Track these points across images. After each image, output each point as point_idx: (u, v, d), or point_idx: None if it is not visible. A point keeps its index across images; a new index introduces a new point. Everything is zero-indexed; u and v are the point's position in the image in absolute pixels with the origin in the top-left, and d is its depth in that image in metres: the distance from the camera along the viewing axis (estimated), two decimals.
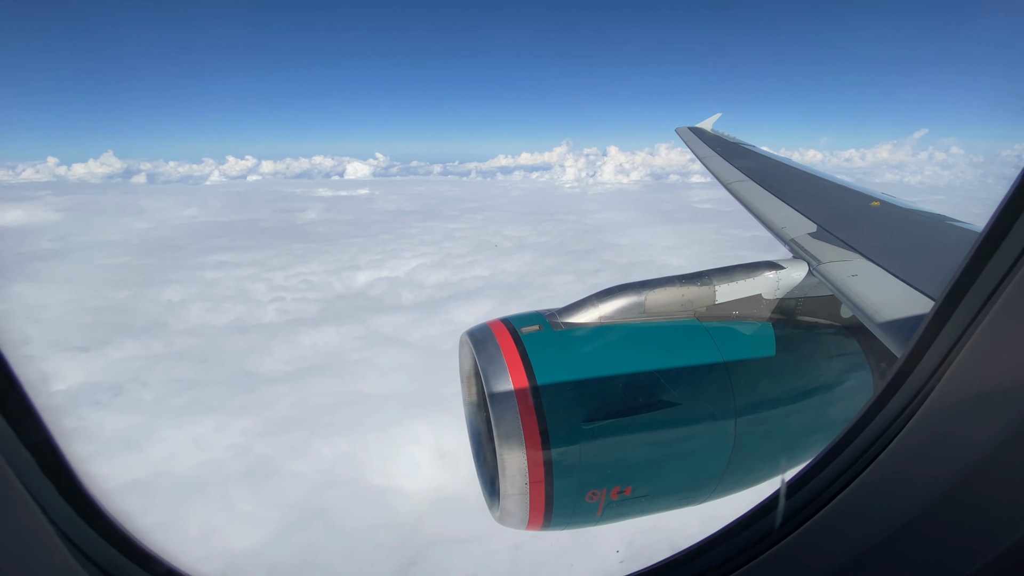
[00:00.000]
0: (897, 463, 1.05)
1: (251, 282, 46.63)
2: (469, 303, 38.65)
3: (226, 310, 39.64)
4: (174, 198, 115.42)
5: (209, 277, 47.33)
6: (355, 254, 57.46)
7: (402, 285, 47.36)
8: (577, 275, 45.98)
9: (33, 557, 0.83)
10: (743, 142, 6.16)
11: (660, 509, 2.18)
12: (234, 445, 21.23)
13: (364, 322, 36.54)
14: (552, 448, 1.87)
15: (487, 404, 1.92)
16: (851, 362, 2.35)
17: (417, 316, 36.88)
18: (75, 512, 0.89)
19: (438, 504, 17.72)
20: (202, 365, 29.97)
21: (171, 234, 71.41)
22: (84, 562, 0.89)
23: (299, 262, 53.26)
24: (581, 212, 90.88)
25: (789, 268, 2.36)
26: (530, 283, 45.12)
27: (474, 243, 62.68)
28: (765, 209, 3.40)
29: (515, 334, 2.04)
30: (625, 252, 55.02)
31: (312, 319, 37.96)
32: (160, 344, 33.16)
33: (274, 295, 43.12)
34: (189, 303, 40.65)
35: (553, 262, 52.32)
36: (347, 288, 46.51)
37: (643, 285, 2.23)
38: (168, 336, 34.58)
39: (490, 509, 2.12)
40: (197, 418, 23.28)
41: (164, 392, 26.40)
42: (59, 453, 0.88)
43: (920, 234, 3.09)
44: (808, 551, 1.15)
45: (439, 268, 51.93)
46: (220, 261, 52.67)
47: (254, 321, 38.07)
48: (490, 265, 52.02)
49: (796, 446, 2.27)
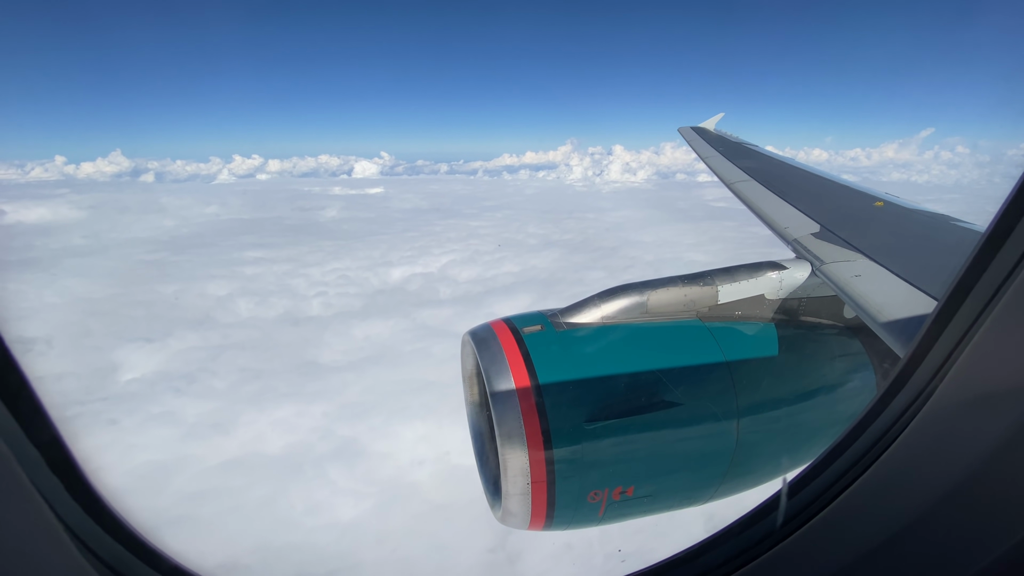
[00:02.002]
0: (899, 464, 1.05)
1: (290, 277, 47.84)
2: (508, 297, 39.84)
3: (273, 304, 40.85)
4: (193, 196, 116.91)
5: (249, 273, 48.52)
6: (385, 251, 58.60)
7: (437, 281, 48.47)
8: (608, 271, 47.03)
9: (41, 553, 0.83)
10: (746, 142, 6.20)
11: (662, 509, 2.17)
12: (318, 428, 22.42)
13: (409, 316, 37.69)
14: (554, 448, 1.87)
15: (489, 404, 1.93)
16: (854, 363, 2.36)
17: (460, 310, 38.03)
18: (82, 509, 0.90)
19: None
20: (264, 355, 31.15)
21: (199, 231, 72.73)
22: (91, 559, 0.90)
23: (333, 258, 54.43)
24: (598, 210, 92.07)
25: (792, 268, 2.36)
26: (563, 279, 46.17)
27: (499, 240, 63.81)
28: (768, 209, 3.40)
29: (517, 334, 2.05)
30: (651, 249, 55.98)
31: (358, 312, 39.13)
32: (218, 336, 34.35)
33: (316, 290, 44.29)
34: (235, 297, 41.83)
35: (581, 259, 53.41)
36: (384, 283, 47.65)
37: (645, 285, 2.23)
38: (223, 328, 35.77)
39: (492, 509, 2.12)
40: (275, 404, 24.47)
41: (235, 380, 27.60)
42: (67, 451, 0.88)
43: (923, 234, 3.08)
44: (810, 551, 1.15)
45: (470, 264, 53.02)
46: (256, 257, 53.91)
47: (302, 314, 39.26)
48: (519, 262, 53.11)
49: (798, 446, 2.27)
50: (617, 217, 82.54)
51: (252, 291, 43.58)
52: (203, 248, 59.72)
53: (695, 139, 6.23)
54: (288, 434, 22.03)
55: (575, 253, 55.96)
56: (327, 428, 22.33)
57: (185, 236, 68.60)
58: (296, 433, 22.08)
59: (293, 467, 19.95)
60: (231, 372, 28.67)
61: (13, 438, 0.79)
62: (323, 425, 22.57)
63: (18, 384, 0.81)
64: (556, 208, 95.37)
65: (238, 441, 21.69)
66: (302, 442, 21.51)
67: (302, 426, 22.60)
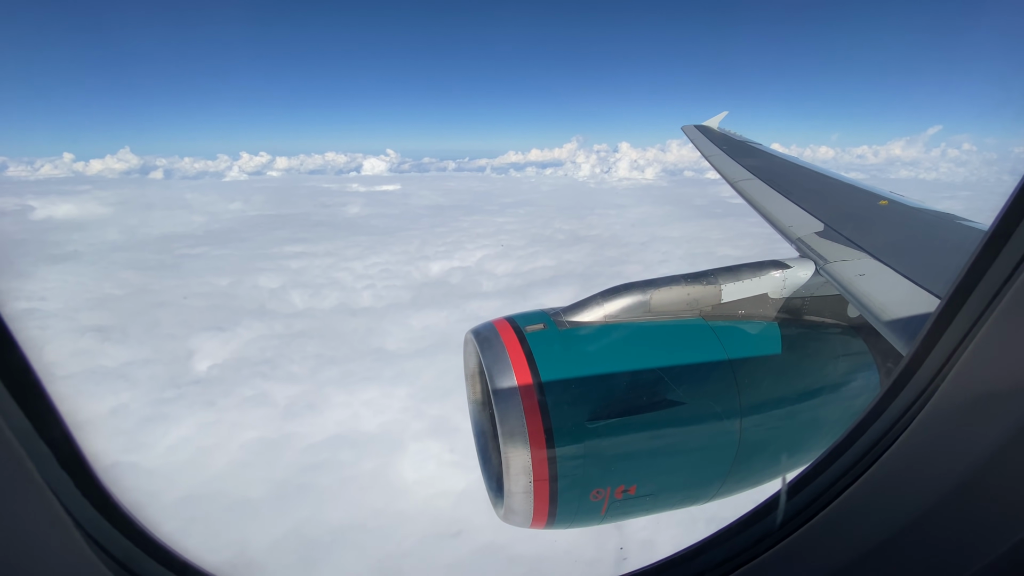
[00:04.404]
0: (900, 463, 1.05)
1: (334, 271, 49.23)
2: (552, 289, 41.18)
3: (326, 295, 42.28)
4: (217, 192, 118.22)
5: (295, 266, 49.96)
6: (419, 246, 59.91)
7: (476, 274, 49.81)
8: (644, 265, 48.27)
9: (52, 548, 0.83)
10: (749, 140, 6.22)
11: (664, 508, 2.17)
12: (408, 408, 23.81)
13: (460, 307, 39.04)
14: (556, 446, 1.88)
15: (492, 402, 1.94)
16: (857, 362, 2.35)
17: (508, 301, 39.37)
18: (92, 505, 0.91)
19: None
20: (331, 343, 32.56)
21: (230, 226, 74.16)
22: (101, 554, 0.91)
23: (371, 253, 55.81)
24: (618, 207, 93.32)
25: (795, 267, 2.36)
26: (600, 272, 47.39)
27: (528, 236, 65.06)
28: (772, 208, 3.40)
29: (520, 333, 2.06)
30: (680, 244, 57.17)
31: (409, 304, 40.53)
32: (280, 325, 35.77)
33: (363, 283, 45.68)
34: (288, 289, 43.27)
35: (614, 253, 54.73)
36: (426, 277, 49.02)
37: (648, 284, 2.24)
38: (284, 319, 37.19)
39: (494, 507, 2.13)
40: (360, 387, 25.87)
41: (312, 366, 29.01)
42: (76, 447, 0.88)
43: (928, 233, 3.08)
44: (810, 551, 1.15)
45: (504, 259, 54.32)
46: (298, 252, 55.33)
47: (355, 305, 40.68)
48: (553, 256, 54.40)
49: (801, 445, 2.27)
50: (639, 213, 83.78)
51: (302, 283, 45.03)
52: (241, 243, 61.17)
53: (699, 137, 6.27)
54: (380, 414, 23.43)
55: (606, 248, 57.27)
56: (416, 408, 23.72)
57: (219, 231, 70.08)
58: (388, 412, 23.49)
59: (394, 443, 21.35)
60: (305, 359, 30.08)
61: (23, 434, 0.79)
62: (412, 405, 23.95)
63: (28, 381, 0.81)
64: (576, 205, 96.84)
65: (334, 420, 23.12)
66: (396, 420, 22.91)
67: (391, 407, 23.99)
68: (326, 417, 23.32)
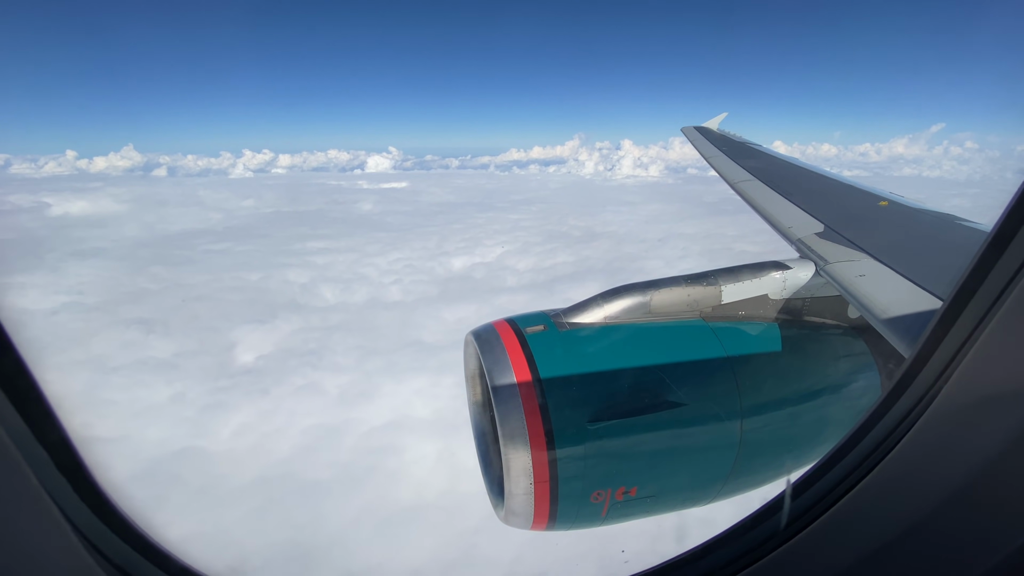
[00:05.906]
0: (904, 465, 1.05)
1: (359, 266, 50.09)
2: (578, 284, 41.92)
3: (355, 290, 43.17)
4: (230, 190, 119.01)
5: (320, 262, 50.81)
6: (438, 242, 60.76)
7: (498, 270, 50.62)
8: (665, 261, 49.08)
9: (50, 553, 0.83)
10: (749, 141, 6.23)
11: (666, 510, 2.19)
12: (457, 396, 24.59)
13: (488, 301, 39.85)
14: (557, 448, 1.89)
15: (492, 404, 1.95)
16: (858, 363, 2.37)
17: (534, 295, 40.23)
18: (90, 510, 0.90)
19: None
20: (369, 335, 33.43)
21: (248, 223, 75.02)
22: (99, 558, 0.90)
23: (392, 249, 56.66)
24: (629, 204, 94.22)
25: (796, 268, 2.37)
26: (622, 268, 48.19)
27: (544, 232, 65.86)
28: (772, 209, 3.41)
29: (520, 334, 2.07)
30: (697, 240, 57.90)
31: (437, 298, 41.39)
32: (317, 318, 36.65)
33: (389, 278, 46.55)
34: (318, 284, 44.12)
35: (632, 249, 55.50)
36: (449, 272, 49.86)
37: (648, 285, 2.25)
38: (319, 312, 38.07)
39: (495, 509, 2.14)
40: (407, 376, 26.75)
41: (356, 357, 29.89)
42: (74, 451, 0.88)
43: (928, 234, 3.08)
44: (814, 552, 1.15)
45: (524, 255, 55.11)
46: (320, 247, 56.19)
47: (386, 300, 41.55)
48: (572, 252, 55.19)
49: (802, 447, 2.28)
50: (650, 210, 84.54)
51: (330, 278, 45.88)
52: (262, 239, 62.02)
53: (698, 139, 6.28)
54: (433, 401, 24.30)
55: (624, 244, 58.09)
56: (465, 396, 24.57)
57: (238, 228, 70.89)
58: (440, 400, 24.35)
59: (450, 427, 22.19)
60: (348, 350, 30.97)
61: (21, 439, 0.79)
62: (461, 394, 24.74)
63: (26, 385, 0.81)
64: (586, 202, 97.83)
65: (388, 406, 24.02)
66: (448, 407, 23.72)
67: (441, 394, 24.85)
68: (380, 404, 24.21)
